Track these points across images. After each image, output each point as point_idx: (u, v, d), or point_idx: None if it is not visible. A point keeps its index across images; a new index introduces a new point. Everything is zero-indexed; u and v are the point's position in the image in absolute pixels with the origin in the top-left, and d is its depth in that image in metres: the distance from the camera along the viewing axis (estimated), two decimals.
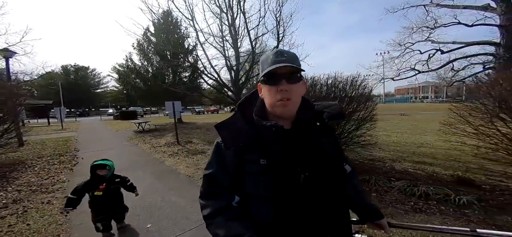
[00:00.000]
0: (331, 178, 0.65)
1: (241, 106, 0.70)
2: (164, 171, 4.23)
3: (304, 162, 0.62)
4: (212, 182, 0.65)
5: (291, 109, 0.63)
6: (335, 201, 0.66)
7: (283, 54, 0.61)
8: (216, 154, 0.67)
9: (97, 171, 1.99)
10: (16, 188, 3.28)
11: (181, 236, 2.09)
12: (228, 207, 0.62)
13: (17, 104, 4.98)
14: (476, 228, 0.69)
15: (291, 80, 0.60)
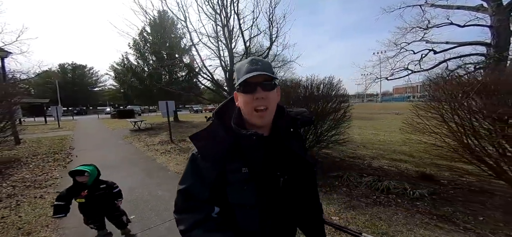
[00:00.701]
0: (304, 178, 0.71)
1: (218, 115, 0.69)
2: (155, 168, 4.45)
3: (282, 166, 0.66)
4: (188, 197, 0.62)
5: (268, 118, 0.63)
6: (307, 197, 0.73)
7: (258, 62, 0.61)
8: (191, 166, 0.64)
9: (76, 178, 1.90)
10: (11, 184, 3.48)
11: (161, 225, 2.30)
12: (207, 219, 0.60)
13: (13, 103, 5.16)
14: None
15: (266, 88, 0.60)
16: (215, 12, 9.34)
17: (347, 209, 2.49)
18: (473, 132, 2.21)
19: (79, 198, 1.90)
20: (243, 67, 0.62)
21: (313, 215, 0.76)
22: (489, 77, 2.08)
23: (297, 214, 0.72)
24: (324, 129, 3.89)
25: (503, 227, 1.91)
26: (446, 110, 2.35)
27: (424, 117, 2.69)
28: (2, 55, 7.06)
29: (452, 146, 2.41)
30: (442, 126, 2.49)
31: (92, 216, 1.99)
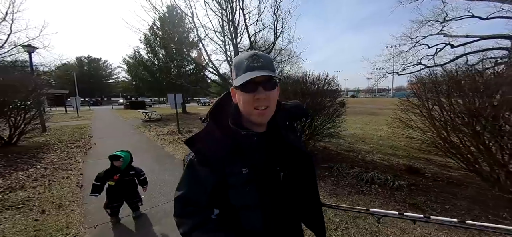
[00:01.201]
0: (303, 170, 0.71)
1: (213, 115, 0.66)
2: (163, 156, 4.91)
3: (281, 161, 0.65)
4: (186, 203, 0.61)
5: (268, 117, 0.62)
6: (310, 191, 0.74)
7: (259, 58, 0.57)
8: (188, 172, 0.62)
9: (113, 162, 2.13)
10: (43, 166, 4.06)
11: (166, 203, 2.71)
12: (207, 221, 0.60)
13: (41, 94, 5.79)
14: (431, 214, 0.76)
15: (267, 87, 0.57)
16: (221, 7, 9.53)
17: (331, 196, 2.76)
18: (452, 128, 2.37)
19: (111, 180, 2.11)
20: (242, 63, 0.58)
21: (313, 205, 0.76)
22: (462, 76, 2.20)
23: (299, 206, 0.72)
24: (318, 123, 4.11)
25: (464, 214, 2.11)
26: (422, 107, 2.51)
27: (409, 112, 2.86)
28: (30, 50, 7.76)
29: (431, 140, 2.58)
30: (422, 121, 2.66)
31: (115, 200, 2.18)
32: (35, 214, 2.42)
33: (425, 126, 2.66)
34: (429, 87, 2.47)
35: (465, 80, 2.16)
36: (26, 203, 2.67)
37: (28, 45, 8.00)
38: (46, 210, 2.51)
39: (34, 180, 3.38)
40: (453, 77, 2.22)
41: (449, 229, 1.89)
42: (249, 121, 0.63)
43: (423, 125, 2.70)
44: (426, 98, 2.43)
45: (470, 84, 2.10)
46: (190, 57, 12.67)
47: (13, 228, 2.14)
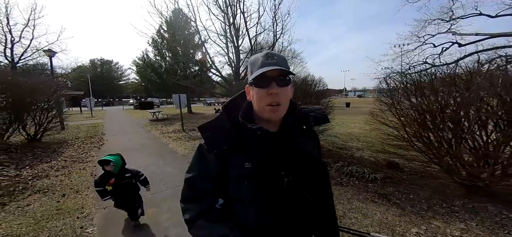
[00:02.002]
0: (316, 181, 0.66)
1: (226, 108, 0.69)
2: (166, 151, 5.38)
3: (288, 165, 0.63)
4: (193, 186, 0.64)
5: (280, 114, 0.62)
6: (320, 204, 0.67)
7: (274, 56, 0.60)
8: (198, 157, 0.66)
9: (104, 167, 2.10)
10: (63, 159, 4.63)
11: (166, 190, 3.12)
12: (211, 210, 0.61)
13: (61, 95, 6.45)
14: None
15: (281, 83, 0.59)
16: (222, 11, 9.95)
17: None
18: (417, 125, 2.62)
19: (108, 185, 2.08)
20: (257, 61, 0.61)
21: (327, 221, 0.70)
22: (424, 79, 2.43)
23: (310, 219, 0.67)
24: None
25: (423, 202, 2.35)
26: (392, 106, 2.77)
27: (383, 111, 3.11)
28: (50, 55, 8.55)
29: (400, 136, 2.83)
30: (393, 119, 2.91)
31: (120, 203, 2.19)
32: (57, 197, 2.91)
33: (396, 124, 2.91)
34: (398, 89, 2.72)
35: (426, 84, 2.40)
36: (50, 188, 3.17)
37: (49, 50, 8.80)
38: (66, 194, 2.99)
39: (56, 170, 3.92)
40: (417, 81, 2.46)
41: None
42: (260, 118, 0.64)
43: (395, 122, 2.95)
44: (397, 98, 2.69)
45: (430, 87, 2.34)
46: (194, 59, 13.20)
47: (40, 208, 2.62)
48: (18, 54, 12.45)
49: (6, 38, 11.77)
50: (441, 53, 15.15)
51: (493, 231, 1.83)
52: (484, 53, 14.91)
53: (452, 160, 2.41)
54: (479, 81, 2.16)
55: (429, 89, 2.40)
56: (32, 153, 4.83)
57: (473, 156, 2.29)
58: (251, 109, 0.66)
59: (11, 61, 12.01)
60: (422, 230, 1.93)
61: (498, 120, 2.12)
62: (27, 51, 12.68)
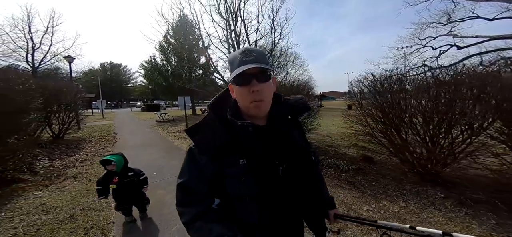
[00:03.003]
0: (304, 168, 0.70)
1: (213, 107, 0.69)
2: (172, 148, 6.03)
3: (280, 155, 0.65)
4: (187, 191, 0.64)
5: (264, 109, 0.63)
6: (309, 188, 0.72)
7: (251, 53, 0.60)
8: (189, 160, 0.65)
9: (106, 167, 2.15)
10: (85, 153, 5.35)
11: (171, 178, 3.73)
12: (208, 211, 0.61)
13: (78, 98, 7.25)
14: (416, 225, 0.71)
15: (261, 79, 0.59)
16: (224, 19, 10.64)
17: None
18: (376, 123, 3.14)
19: (111, 184, 2.15)
20: (236, 59, 0.61)
21: (314, 205, 0.74)
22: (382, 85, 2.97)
23: (300, 205, 0.70)
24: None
25: (381, 188, 2.87)
26: (358, 107, 3.32)
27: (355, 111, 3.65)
28: (69, 61, 9.45)
29: (369, 133, 3.36)
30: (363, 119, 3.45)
31: (123, 202, 2.21)
32: (85, 181, 3.57)
33: (363, 122, 3.45)
34: (361, 91, 3.27)
35: (384, 87, 2.93)
36: (78, 175, 3.85)
37: (69, 56, 9.71)
38: (91, 179, 3.64)
39: (80, 162, 4.63)
40: (374, 84, 3.00)
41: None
42: (247, 115, 0.64)
43: (362, 121, 3.49)
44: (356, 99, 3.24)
45: (388, 90, 2.88)
46: (198, 63, 13.96)
47: (74, 189, 3.28)
48: (38, 60, 13.54)
49: (28, 45, 12.87)
50: (439, 56, 15.36)
51: (424, 207, 2.34)
52: (487, 55, 15.06)
53: (405, 154, 2.93)
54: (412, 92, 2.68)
55: (382, 95, 2.94)
56: (58, 148, 5.58)
57: (422, 149, 2.80)
58: (237, 106, 0.67)
59: (32, 66, 13.08)
60: (371, 207, 2.46)
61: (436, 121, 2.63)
62: (46, 56, 13.77)
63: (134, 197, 2.30)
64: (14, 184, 3.27)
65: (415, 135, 2.82)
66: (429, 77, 2.86)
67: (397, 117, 2.86)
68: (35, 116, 3.96)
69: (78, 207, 2.69)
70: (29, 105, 3.72)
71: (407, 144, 2.82)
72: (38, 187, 3.25)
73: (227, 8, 10.43)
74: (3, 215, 2.47)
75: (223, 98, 0.71)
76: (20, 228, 2.21)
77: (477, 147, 2.31)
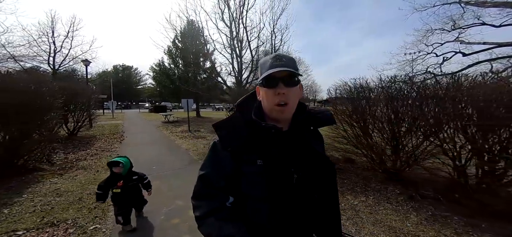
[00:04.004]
0: (323, 180, 0.68)
1: (239, 107, 0.72)
2: (173, 146, 6.54)
3: (297, 163, 0.65)
4: (206, 183, 0.66)
5: (288, 113, 0.65)
6: (326, 203, 0.69)
7: (282, 58, 0.63)
8: (211, 154, 0.68)
9: (113, 169, 2.10)
10: (95, 148, 5.96)
11: (166, 171, 4.19)
12: (221, 208, 0.63)
13: (92, 99, 7.98)
14: None
15: (288, 83, 0.62)
16: (227, 26, 11.23)
17: None
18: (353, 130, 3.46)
19: (116, 188, 2.07)
20: (267, 62, 0.64)
21: (330, 221, 0.71)
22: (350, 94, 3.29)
23: (313, 217, 0.68)
24: None
25: (351, 185, 3.17)
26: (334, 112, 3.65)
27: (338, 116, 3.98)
28: (86, 64, 10.33)
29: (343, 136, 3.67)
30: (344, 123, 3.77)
31: (124, 206, 2.14)
32: (93, 172, 4.10)
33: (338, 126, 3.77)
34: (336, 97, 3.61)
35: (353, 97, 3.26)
36: (88, 167, 4.40)
37: (86, 60, 10.59)
38: (99, 170, 4.17)
39: (91, 155, 5.22)
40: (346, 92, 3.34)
41: None
42: (270, 118, 0.66)
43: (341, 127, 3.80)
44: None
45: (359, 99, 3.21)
46: (204, 67, 14.62)
47: (83, 178, 3.80)
48: (58, 62, 14.68)
49: (50, 48, 14.02)
50: (442, 63, 15.19)
51: (379, 202, 2.63)
52: (497, 62, 14.75)
53: (371, 155, 3.22)
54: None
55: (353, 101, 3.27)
56: (72, 144, 6.24)
57: (387, 151, 3.09)
58: (262, 108, 0.69)
59: (53, 68, 14.22)
60: None
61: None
62: (65, 59, 14.91)
63: (135, 200, 2.29)
64: (35, 172, 3.85)
65: (382, 139, 3.12)
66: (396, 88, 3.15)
67: (364, 121, 3.18)
68: (56, 114, 4.57)
69: (85, 192, 3.19)
70: (53, 104, 4.33)
71: (372, 147, 3.13)
72: (54, 175, 3.80)
73: (230, 16, 11.04)
74: (26, 196, 3.00)
75: (249, 99, 0.74)
76: (38, 207, 2.71)
77: (429, 151, 2.59)
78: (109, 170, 2.17)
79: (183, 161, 4.85)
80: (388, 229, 2.05)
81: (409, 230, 2.02)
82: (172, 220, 2.37)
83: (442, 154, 2.57)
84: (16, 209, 2.61)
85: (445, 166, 2.53)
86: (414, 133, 2.75)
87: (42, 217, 2.44)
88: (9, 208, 2.63)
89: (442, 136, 2.49)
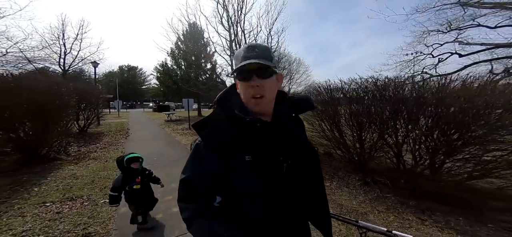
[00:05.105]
0: (309, 164, 0.69)
1: (220, 102, 0.68)
2: (173, 142, 7.15)
3: (285, 152, 0.65)
4: (189, 187, 0.63)
5: (264, 106, 0.64)
6: (314, 185, 0.71)
7: (254, 48, 0.60)
8: (193, 156, 0.65)
9: (131, 165, 2.00)
10: (103, 143, 6.62)
11: (164, 162, 4.77)
12: (209, 209, 0.60)
13: (100, 98, 8.67)
14: (392, 230, 0.76)
15: (262, 75, 0.60)
16: (226, 30, 11.81)
17: None
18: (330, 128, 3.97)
19: (136, 184, 1.98)
20: (240, 54, 0.62)
21: (319, 202, 0.73)
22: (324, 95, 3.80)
23: (305, 203, 0.70)
24: None
25: (329, 176, 3.66)
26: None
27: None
28: (95, 65, 11.07)
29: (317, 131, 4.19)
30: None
31: (143, 203, 2.07)
32: (103, 162, 4.71)
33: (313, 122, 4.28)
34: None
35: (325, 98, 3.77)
36: (98, 157, 5.02)
37: (94, 62, 11.34)
38: (107, 160, 4.79)
39: (101, 148, 5.87)
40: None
41: None
42: (252, 111, 0.64)
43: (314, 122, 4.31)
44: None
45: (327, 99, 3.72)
46: (204, 68, 15.24)
47: (95, 166, 4.41)
48: (68, 63, 15.54)
49: (60, 50, 14.87)
50: (437, 64, 15.44)
51: (340, 187, 3.13)
52: (497, 62, 14.96)
53: (341, 149, 3.72)
54: None
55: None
56: (83, 139, 6.92)
57: (356, 144, 3.58)
58: (243, 103, 0.67)
59: (63, 69, 15.09)
60: None
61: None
62: (74, 61, 15.76)
63: (151, 196, 2.21)
64: (55, 161, 4.50)
65: (352, 135, 3.62)
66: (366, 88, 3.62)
67: (333, 119, 3.68)
68: (71, 112, 5.23)
69: (97, 176, 3.79)
70: (69, 103, 4.99)
71: (340, 141, 3.63)
72: (71, 164, 4.44)
73: (229, 20, 11.61)
74: (49, 179, 3.62)
75: (230, 93, 0.71)
76: (60, 186, 3.32)
77: (380, 146, 3.08)
78: (122, 167, 2.03)
79: (181, 154, 5.43)
80: (337, 206, 2.55)
81: (353, 206, 2.52)
82: (165, 197, 2.93)
83: (387, 147, 3.05)
84: (43, 188, 3.23)
85: (392, 157, 3.02)
86: (372, 130, 3.24)
87: (63, 194, 3.04)
88: (38, 187, 3.25)
89: (386, 132, 2.97)
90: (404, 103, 2.61)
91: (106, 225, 2.25)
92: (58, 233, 2.12)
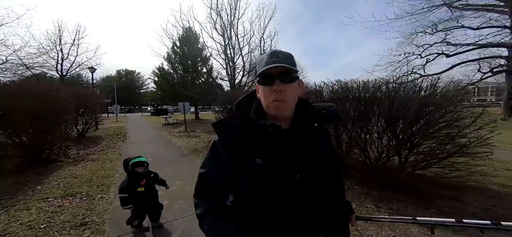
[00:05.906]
0: (328, 177, 0.67)
1: (239, 105, 0.72)
2: (169, 144, 7.44)
3: (300, 162, 0.63)
4: (205, 181, 0.66)
5: (285, 110, 0.65)
6: (331, 199, 0.68)
7: (278, 54, 0.62)
8: (211, 153, 0.68)
9: (136, 169, 1.99)
10: (101, 146, 6.89)
11: (160, 162, 5.06)
12: (220, 207, 0.63)
13: (98, 103, 8.96)
14: (417, 217, 0.80)
15: (284, 80, 0.61)
16: (220, 35, 12.20)
17: None
18: None
19: (140, 187, 1.97)
20: (263, 60, 0.63)
21: (337, 220, 0.71)
22: None
23: (320, 217, 0.67)
24: None
25: None
26: None
27: None
28: (92, 71, 11.37)
29: None
30: None
31: (145, 208, 2.07)
32: (100, 163, 4.99)
33: None
34: None
35: None
36: (96, 159, 5.30)
37: (92, 67, 11.64)
38: (104, 161, 5.07)
39: (99, 151, 6.15)
40: None
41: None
42: (269, 115, 0.66)
43: None
44: None
45: None
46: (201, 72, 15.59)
47: (93, 167, 4.69)
48: (65, 68, 15.83)
49: (58, 55, 15.17)
50: (426, 64, 15.97)
51: None
52: (484, 61, 15.66)
53: None
54: None
55: None
56: (82, 142, 7.19)
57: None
58: (261, 106, 0.69)
59: (60, 74, 15.35)
60: None
61: None
62: (72, 66, 16.04)
63: (155, 200, 2.20)
64: (56, 163, 4.79)
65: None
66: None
67: None
68: (70, 117, 5.52)
69: (94, 175, 4.08)
70: (68, 108, 5.29)
71: None
72: (70, 165, 4.72)
73: (222, 25, 12.01)
74: (51, 178, 3.90)
75: (249, 98, 0.74)
76: (61, 184, 3.61)
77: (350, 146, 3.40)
78: (128, 170, 2.05)
79: (175, 155, 5.73)
80: None
81: None
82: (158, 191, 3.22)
83: (356, 144, 3.36)
84: (46, 186, 3.51)
85: (359, 153, 3.33)
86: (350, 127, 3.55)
87: (64, 191, 3.33)
88: (40, 185, 3.54)
89: (353, 130, 3.29)
90: (364, 105, 2.94)
91: (102, 216, 2.55)
92: (59, 222, 2.41)
